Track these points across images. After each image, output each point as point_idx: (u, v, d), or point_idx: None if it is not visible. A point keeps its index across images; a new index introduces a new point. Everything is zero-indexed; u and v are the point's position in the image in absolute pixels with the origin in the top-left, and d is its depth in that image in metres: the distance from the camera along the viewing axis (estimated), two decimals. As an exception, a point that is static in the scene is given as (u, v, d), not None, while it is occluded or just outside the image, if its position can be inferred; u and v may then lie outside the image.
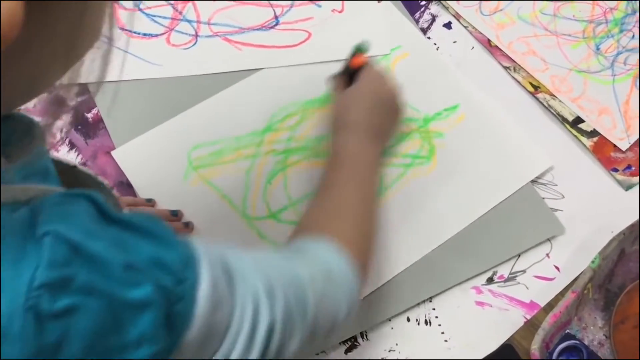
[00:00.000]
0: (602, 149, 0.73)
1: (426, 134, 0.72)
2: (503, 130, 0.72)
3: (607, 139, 0.73)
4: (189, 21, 0.78)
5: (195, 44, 0.76)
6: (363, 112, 0.63)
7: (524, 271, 0.66)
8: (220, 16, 0.78)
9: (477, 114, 0.73)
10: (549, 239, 0.68)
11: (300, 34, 0.78)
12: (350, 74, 0.68)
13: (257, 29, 0.78)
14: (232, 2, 0.79)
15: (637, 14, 0.81)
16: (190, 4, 0.79)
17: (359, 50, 0.68)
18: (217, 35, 0.77)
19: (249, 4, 0.79)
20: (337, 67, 0.72)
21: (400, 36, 0.78)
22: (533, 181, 0.70)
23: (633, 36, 0.79)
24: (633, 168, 0.71)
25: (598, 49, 0.78)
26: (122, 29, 0.77)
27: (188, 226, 0.64)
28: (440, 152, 0.71)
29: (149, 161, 0.69)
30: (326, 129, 0.68)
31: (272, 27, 0.78)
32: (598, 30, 0.80)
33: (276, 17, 0.79)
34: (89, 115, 0.72)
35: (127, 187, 0.68)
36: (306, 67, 0.76)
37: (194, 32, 0.77)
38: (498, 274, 0.66)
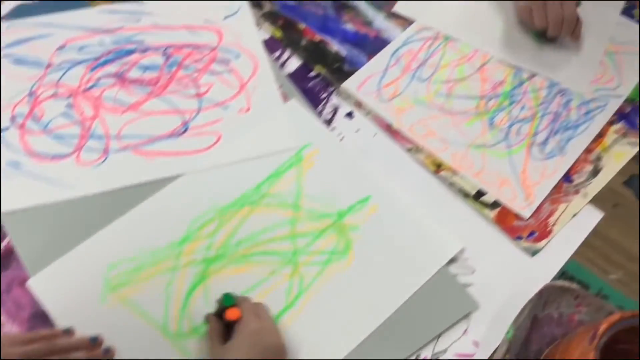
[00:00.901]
0: (505, 219, 0.77)
1: (341, 229, 0.75)
2: (414, 217, 0.76)
3: (509, 209, 0.78)
4: (98, 137, 0.80)
5: (105, 159, 0.78)
6: None
7: (445, 351, 0.69)
8: (129, 128, 0.81)
9: (388, 203, 0.77)
10: (465, 315, 0.71)
11: (210, 137, 0.81)
12: (225, 324, 0.66)
13: (167, 137, 0.80)
14: (140, 113, 0.82)
15: (525, 84, 0.88)
16: (97, 119, 0.81)
17: (226, 303, 0.66)
18: (127, 148, 0.79)
19: (157, 114, 0.82)
20: (248, 170, 0.76)
21: (307, 133, 0.81)
22: (445, 259, 0.75)
23: (523, 107, 0.86)
24: (536, 234, 0.76)
25: (492, 122, 0.84)
26: (30, 153, 0.79)
27: (109, 352, 0.64)
28: (356, 246, 0.74)
29: (66, 287, 0.69)
30: None
31: (181, 134, 0.81)
32: (490, 104, 0.86)
33: (185, 123, 0.82)
34: (0, 247, 0.72)
35: (42, 319, 0.67)
36: (219, 171, 0.78)
37: (103, 148, 0.79)
38: (422, 357, 0.69)
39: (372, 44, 0.90)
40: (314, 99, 0.85)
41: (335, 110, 0.84)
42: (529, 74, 0.88)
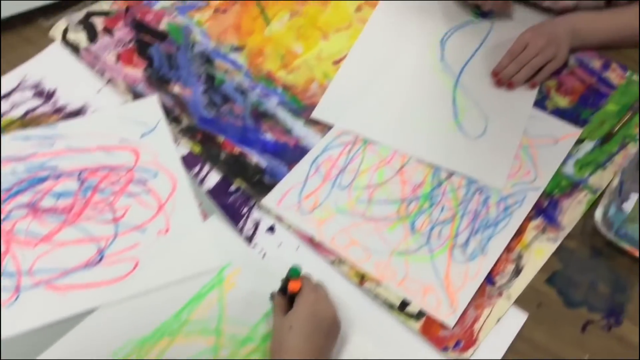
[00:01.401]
0: (431, 329, 0.77)
1: (267, 354, 0.73)
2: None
3: (434, 318, 0.78)
4: (9, 274, 0.77)
5: (17, 299, 0.75)
6: (302, 340, 0.69)
7: None
8: (42, 261, 0.78)
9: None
10: None
11: (127, 264, 0.79)
12: (289, 297, 0.75)
13: (82, 268, 0.78)
14: (53, 244, 0.80)
15: (443, 184, 0.90)
16: (9, 255, 0.78)
17: (292, 274, 0.75)
18: (40, 283, 0.77)
19: (71, 243, 0.80)
20: (167, 296, 0.75)
21: (228, 252, 0.81)
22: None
23: (443, 208, 0.87)
24: (462, 343, 0.76)
25: (413, 227, 0.85)
26: None
27: None
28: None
29: None
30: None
31: (97, 263, 0.79)
32: (411, 208, 0.87)
33: (100, 251, 0.80)
34: None
35: None
36: (137, 299, 0.76)
37: (15, 286, 0.76)
38: None
39: (292, 153, 0.91)
40: (235, 215, 0.85)
41: (256, 226, 0.84)
42: (447, 173, 0.90)
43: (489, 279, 0.81)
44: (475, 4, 1.06)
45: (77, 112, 0.92)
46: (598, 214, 0.84)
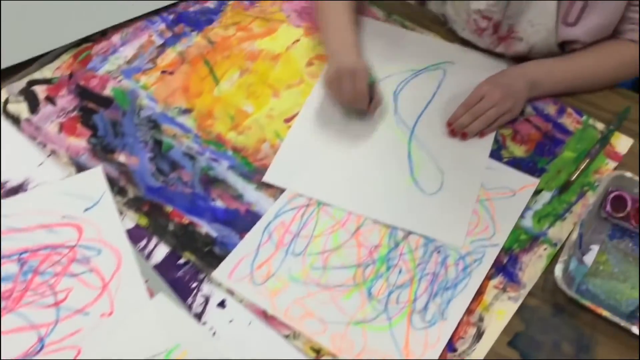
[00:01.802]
0: (391, 405, 0.75)
1: None
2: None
3: (394, 392, 0.75)
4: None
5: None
6: None
7: None
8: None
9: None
10: None
11: (69, 352, 0.75)
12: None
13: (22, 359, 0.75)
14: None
15: (400, 245, 0.88)
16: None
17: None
18: (-25, 379, 0.73)
19: (10, 332, 0.76)
20: None
21: (176, 332, 0.77)
22: None
23: (400, 270, 0.85)
24: (424, 417, 0.74)
25: (370, 293, 0.83)
26: None
27: None
28: None
29: None
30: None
31: (37, 353, 0.75)
32: (367, 272, 0.85)
33: (41, 340, 0.76)
34: None
35: None
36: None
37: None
38: None
39: (244, 220, 0.88)
40: (184, 290, 0.82)
41: (206, 301, 0.81)
42: (405, 233, 0.88)
43: (450, 346, 0.79)
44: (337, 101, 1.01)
45: (18, 189, 0.89)
46: (558, 269, 0.82)
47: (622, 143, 0.99)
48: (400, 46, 1.09)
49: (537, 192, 0.93)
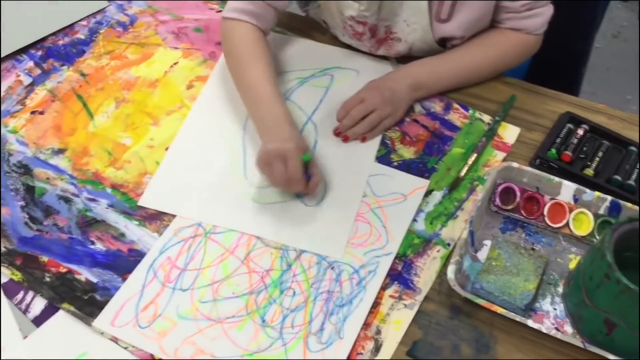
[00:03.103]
0: None
1: None
2: None
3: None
4: None
5: None
6: None
7: None
8: None
9: None
10: None
11: None
12: None
13: None
14: None
15: (293, 266, 0.86)
16: None
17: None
18: None
19: None
20: None
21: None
22: None
23: (294, 293, 0.84)
24: None
25: (264, 321, 0.81)
26: None
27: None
28: None
29: None
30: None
31: None
32: (260, 299, 0.83)
33: None
34: None
35: None
36: None
37: None
38: None
39: (126, 261, 0.85)
40: (65, 345, 0.79)
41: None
42: (296, 253, 0.87)
43: (349, 364, 0.79)
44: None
45: None
46: (450, 271, 0.82)
47: (509, 133, 1.00)
48: (287, 55, 1.09)
49: (428, 193, 0.93)
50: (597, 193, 0.89)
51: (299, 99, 1.03)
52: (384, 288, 0.84)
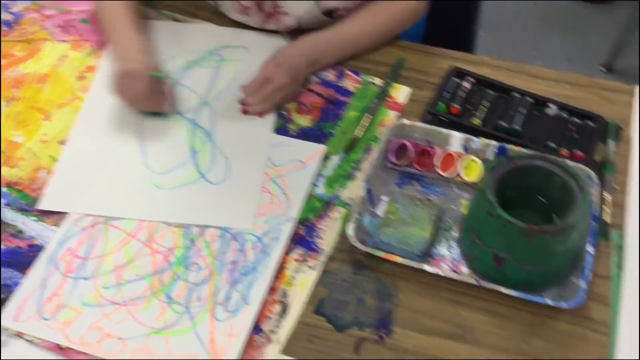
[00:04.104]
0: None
1: None
2: None
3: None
4: None
5: None
6: None
7: None
8: None
9: None
10: None
11: None
12: None
13: None
14: None
15: (197, 242, 0.88)
16: None
17: None
18: None
19: None
20: None
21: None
22: None
23: (199, 268, 0.85)
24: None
25: (170, 298, 0.82)
26: None
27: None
28: None
29: None
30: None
31: None
32: (165, 278, 0.84)
33: None
34: None
35: None
36: None
37: None
38: None
39: (27, 257, 0.85)
40: (-33, 346, 0.78)
41: (-7, 351, 0.78)
42: (199, 229, 0.88)
43: (257, 329, 0.80)
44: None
45: None
46: (350, 228, 0.86)
47: (401, 93, 1.04)
48: (173, 40, 1.09)
49: (326, 158, 0.96)
50: (483, 140, 0.94)
51: (190, 83, 1.04)
52: (288, 253, 0.87)
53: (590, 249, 0.83)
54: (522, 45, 2.25)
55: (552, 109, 1.01)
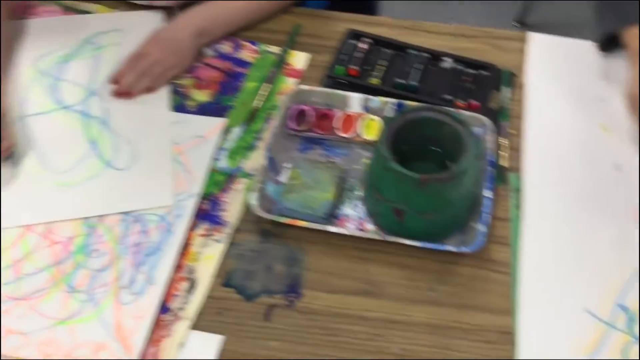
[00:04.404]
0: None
1: None
2: None
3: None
4: None
5: None
6: None
7: None
8: None
9: None
10: None
11: None
12: None
13: None
14: None
15: (97, 228, 0.85)
16: None
17: None
18: None
19: None
20: None
21: None
22: None
23: (101, 254, 0.83)
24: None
25: (72, 287, 0.81)
26: None
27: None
28: None
29: None
30: None
31: None
32: (66, 268, 0.82)
33: None
34: None
35: None
36: None
37: None
38: None
39: None
40: None
41: None
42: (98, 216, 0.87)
43: (164, 308, 0.79)
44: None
45: None
46: (252, 198, 0.85)
47: (299, 60, 1.04)
48: (43, 36, 1.04)
49: (227, 131, 0.95)
50: (381, 98, 0.95)
51: (71, 76, 1.01)
52: (193, 229, 0.86)
53: (488, 193, 0.85)
54: (436, 7, 2.28)
55: (447, 62, 1.02)
